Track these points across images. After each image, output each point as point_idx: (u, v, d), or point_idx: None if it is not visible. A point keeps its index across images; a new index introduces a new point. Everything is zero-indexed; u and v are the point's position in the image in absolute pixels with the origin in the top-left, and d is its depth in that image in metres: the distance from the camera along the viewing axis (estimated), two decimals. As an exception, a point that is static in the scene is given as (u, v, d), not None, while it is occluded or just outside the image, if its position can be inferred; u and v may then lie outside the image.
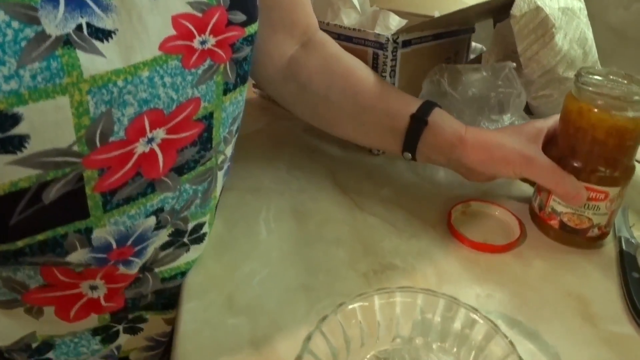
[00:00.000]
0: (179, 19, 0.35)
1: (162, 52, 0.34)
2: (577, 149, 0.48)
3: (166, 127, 0.37)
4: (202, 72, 0.38)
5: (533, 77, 0.63)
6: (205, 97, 0.39)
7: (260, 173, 0.63)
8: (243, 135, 0.54)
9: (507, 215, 0.55)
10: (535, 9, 0.59)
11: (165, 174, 0.39)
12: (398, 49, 0.62)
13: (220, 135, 0.44)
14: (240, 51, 0.41)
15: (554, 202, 0.50)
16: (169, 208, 0.41)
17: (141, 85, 0.34)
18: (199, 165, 0.42)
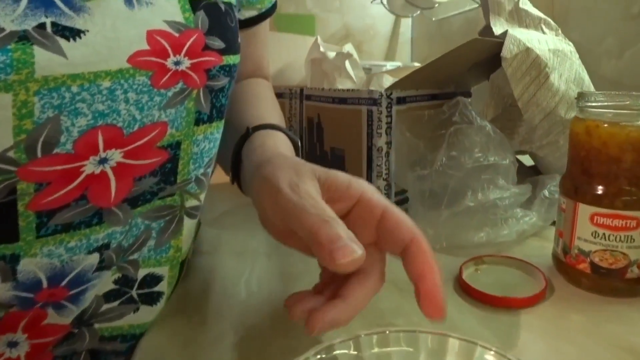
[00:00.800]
0: (155, 34, 0.33)
1: (131, 66, 0.32)
2: (592, 173, 0.42)
3: (124, 150, 0.33)
4: (172, 94, 0.35)
5: (535, 122, 0.59)
6: (174, 123, 0.36)
7: (246, 236, 0.58)
8: (227, 197, 0.49)
9: (528, 267, 0.47)
10: (525, 50, 0.56)
11: (116, 203, 0.34)
12: (392, 105, 0.60)
13: (189, 172, 0.39)
14: (216, 79, 0.39)
15: (580, 241, 0.43)
16: (116, 245, 0.36)
17: (99, 96, 0.31)
18: (157, 198, 0.38)
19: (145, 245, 0.39)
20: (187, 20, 0.36)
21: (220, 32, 0.39)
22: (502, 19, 0.66)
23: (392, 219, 0.30)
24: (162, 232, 0.40)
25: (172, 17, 0.35)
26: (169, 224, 0.40)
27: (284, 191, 0.30)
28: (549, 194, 0.57)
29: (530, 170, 0.75)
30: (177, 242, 0.42)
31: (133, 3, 0.33)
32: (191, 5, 0.37)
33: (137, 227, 0.37)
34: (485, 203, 0.52)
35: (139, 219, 0.37)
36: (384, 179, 0.60)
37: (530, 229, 0.54)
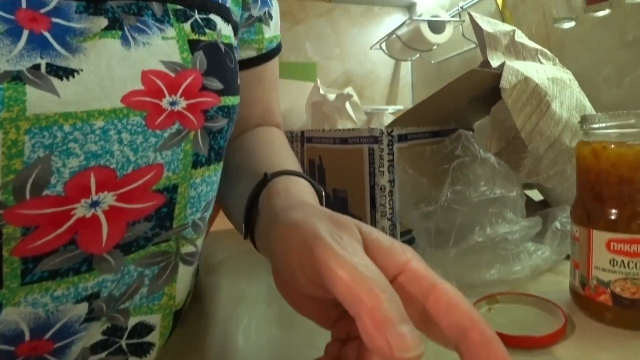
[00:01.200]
0: (150, 74, 0.33)
1: (124, 105, 0.31)
2: (604, 197, 0.40)
3: (117, 193, 0.32)
4: (168, 135, 0.34)
5: (540, 152, 0.57)
6: (170, 166, 0.34)
7: (245, 284, 0.55)
8: (227, 244, 0.48)
9: (545, 304, 0.44)
10: (524, 79, 0.56)
11: (107, 249, 0.32)
12: (394, 142, 0.58)
13: (186, 217, 0.37)
14: (214, 120, 0.38)
15: (598, 271, 0.40)
16: (107, 294, 0.33)
17: (92, 136, 0.30)
18: (151, 244, 0.36)
19: (137, 293, 0.37)
20: (185, 61, 0.35)
21: (218, 73, 0.38)
22: (499, 53, 0.66)
23: (444, 297, 0.24)
24: (156, 279, 0.38)
25: (169, 57, 0.34)
26: (163, 270, 0.38)
27: (325, 239, 0.24)
28: (560, 226, 0.55)
29: (540, 205, 0.73)
30: (171, 290, 0.39)
31: (130, 43, 0.32)
32: (190, 45, 0.36)
33: (130, 275, 0.35)
34: (494, 238, 0.50)
35: (131, 266, 0.35)
36: (389, 219, 0.58)
37: (544, 263, 0.52)
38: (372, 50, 1.84)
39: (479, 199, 0.51)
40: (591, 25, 0.97)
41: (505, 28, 0.67)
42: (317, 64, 1.81)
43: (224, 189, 0.47)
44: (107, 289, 0.34)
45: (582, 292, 0.42)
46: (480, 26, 0.65)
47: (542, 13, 1.12)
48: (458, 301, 0.24)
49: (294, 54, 1.78)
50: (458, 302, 0.24)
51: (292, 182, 0.40)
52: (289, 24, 1.77)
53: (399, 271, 0.25)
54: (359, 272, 0.22)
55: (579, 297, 0.43)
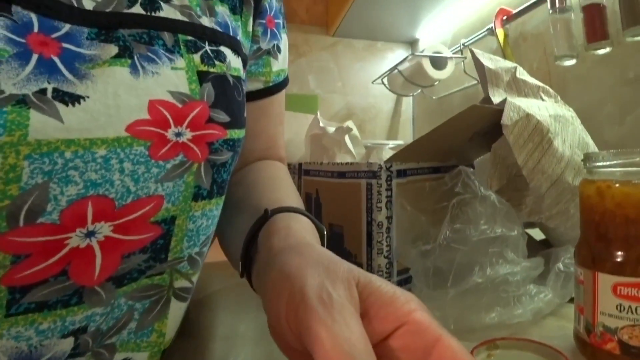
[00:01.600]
0: (157, 104, 0.32)
1: (129, 135, 0.31)
2: (610, 238, 0.38)
3: (114, 223, 0.31)
4: (171, 167, 0.33)
5: (542, 191, 0.56)
6: (170, 197, 0.34)
7: (234, 320, 0.53)
8: (218, 277, 0.46)
9: (548, 351, 0.42)
10: (526, 116, 0.55)
11: (100, 282, 0.31)
12: (392, 177, 0.57)
13: (182, 250, 0.36)
14: (218, 153, 0.37)
15: (604, 317, 0.38)
16: (94, 328, 0.32)
17: (93, 164, 0.29)
18: (144, 276, 0.35)
19: (125, 328, 0.35)
20: (193, 92, 0.35)
21: (226, 105, 0.38)
22: (501, 90, 0.65)
23: (449, 353, 0.23)
24: (146, 313, 0.36)
25: (176, 87, 0.34)
26: (154, 304, 0.37)
27: (311, 304, 0.23)
28: (563, 267, 0.53)
29: (541, 244, 0.71)
30: (161, 326, 0.38)
31: (139, 72, 0.32)
32: (199, 76, 0.36)
33: (120, 309, 0.34)
34: (494, 279, 0.48)
35: (122, 300, 0.34)
36: (385, 256, 0.56)
37: (546, 307, 0.49)
38: (374, 84, 1.85)
39: (479, 238, 0.50)
40: (592, 63, 0.97)
41: (507, 65, 0.66)
42: (319, 96, 1.82)
43: (223, 223, 0.46)
44: (95, 323, 0.32)
45: (587, 339, 0.40)
46: (481, 62, 0.65)
47: (543, 50, 1.13)
48: (463, 357, 0.23)
49: (297, 86, 1.79)
50: (463, 357, 0.23)
51: (293, 220, 0.38)
52: (292, 56, 1.78)
53: (401, 323, 0.24)
54: (339, 345, 0.21)
55: (584, 345, 0.41)
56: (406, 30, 1.81)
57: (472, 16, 1.49)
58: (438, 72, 1.42)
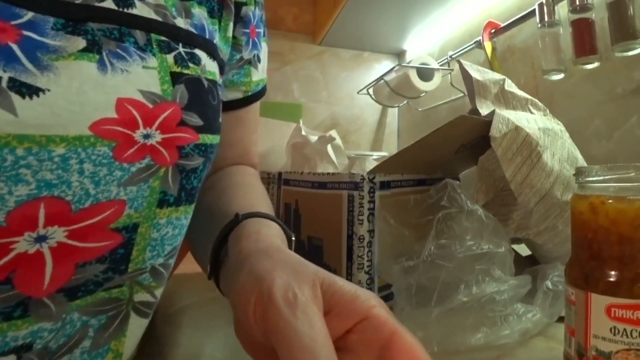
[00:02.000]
0: (126, 103, 0.31)
1: (92, 134, 0.29)
2: (603, 257, 0.36)
3: (69, 228, 0.29)
4: (136, 170, 0.31)
5: (530, 206, 0.54)
6: (133, 203, 0.32)
7: (202, 338, 0.50)
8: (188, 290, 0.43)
9: (538, 375, 0.40)
10: (515, 129, 0.53)
11: (49, 293, 0.29)
12: (375, 189, 0.55)
13: (145, 260, 0.34)
14: (188, 158, 0.35)
15: (597, 340, 0.36)
16: (41, 346, 0.30)
17: (48, 163, 0.27)
18: (101, 289, 0.32)
19: (78, 347, 0.32)
20: (165, 93, 0.33)
21: (199, 109, 0.36)
22: (488, 102, 0.63)
23: (402, 345, 0.24)
24: (102, 330, 0.33)
25: (148, 87, 0.32)
26: (111, 321, 0.34)
27: (277, 302, 0.24)
28: (552, 285, 0.51)
29: (527, 260, 0.69)
30: (118, 345, 0.35)
31: (107, 68, 0.30)
32: (172, 77, 0.34)
33: (72, 325, 0.31)
34: (481, 298, 0.45)
35: (75, 315, 0.31)
36: (366, 272, 0.53)
37: (534, 327, 0.47)
38: (359, 95, 1.83)
39: (465, 255, 0.47)
40: (580, 78, 0.96)
41: (495, 77, 0.65)
42: (304, 105, 1.80)
43: (193, 227, 0.44)
44: (42, 340, 0.29)
45: (578, 364, 0.38)
46: (469, 74, 0.63)
47: (531, 65, 1.12)
48: (416, 351, 0.24)
49: (281, 95, 1.77)
50: (416, 352, 0.24)
51: (263, 225, 0.37)
52: (277, 64, 1.77)
53: (361, 318, 0.25)
54: (300, 340, 0.22)
55: (575, 369, 0.38)
56: (394, 41, 1.80)
57: (460, 29, 1.48)
58: (425, 84, 1.41)
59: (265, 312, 0.24)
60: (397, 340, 0.24)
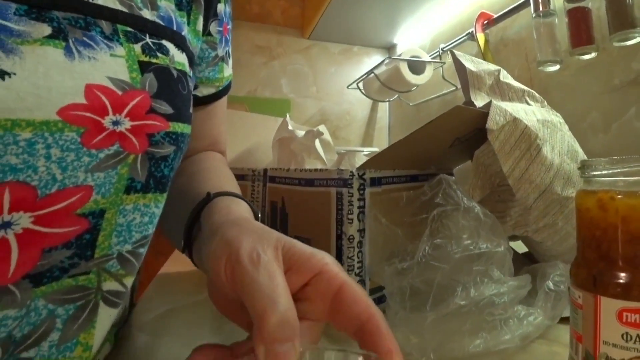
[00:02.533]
0: (95, 89, 0.31)
1: (60, 119, 0.29)
2: (613, 257, 0.34)
3: (35, 214, 0.29)
4: (104, 156, 0.32)
5: (529, 202, 0.51)
6: (100, 189, 0.32)
7: (182, 347, 0.47)
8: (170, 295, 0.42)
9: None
10: (513, 120, 0.50)
11: (15, 280, 0.29)
12: (366, 186, 0.52)
13: (111, 246, 0.34)
14: (159, 146, 0.36)
15: (607, 347, 0.33)
16: (5, 335, 0.29)
17: (13, 147, 0.28)
18: (67, 276, 0.32)
19: (46, 339, 0.32)
20: (134, 81, 0.34)
21: (169, 97, 0.37)
22: (483, 93, 0.61)
23: (349, 294, 0.28)
24: (71, 322, 0.33)
25: (116, 74, 0.33)
26: (80, 312, 0.33)
27: (243, 262, 0.27)
28: (553, 286, 0.48)
29: (525, 258, 0.67)
30: (87, 338, 0.34)
31: (73, 55, 0.30)
32: (140, 66, 0.35)
33: (37, 313, 0.31)
34: (479, 301, 0.43)
35: (40, 302, 0.31)
36: (356, 274, 0.51)
37: (536, 330, 0.44)
38: (349, 90, 1.80)
39: (462, 255, 0.45)
40: (576, 70, 0.94)
41: (490, 67, 0.62)
42: (292, 101, 1.77)
43: (166, 211, 0.45)
44: (6, 329, 0.30)
45: (585, 372, 0.35)
46: (463, 64, 0.60)
47: (525, 57, 1.10)
48: (360, 297, 0.28)
49: (269, 90, 1.73)
50: (360, 297, 0.28)
51: (233, 202, 0.41)
52: (265, 59, 1.73)
53: (315, 273, 0.29)
54: (262, 291, 0.25)
55: (582, 378, 0.36)
56: (384, 34, 1.77)
57: (451, 21, 1.46)
58: (416, 77, 1.38)
59: (234, 271, 0.28)
60: (345, 289, 0.28)
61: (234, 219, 0.36)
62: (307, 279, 0.29)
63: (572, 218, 0.51)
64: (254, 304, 0.25)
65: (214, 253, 0.30)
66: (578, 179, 0.53)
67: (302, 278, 0.29)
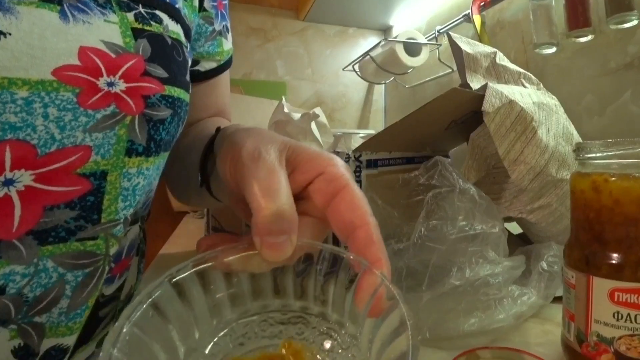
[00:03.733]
0: (88, 51, 0.31)
1: (55, 79, 0.30)
2: (606, 239, 0.34)
3: (35, 172, 0.30)
4: (101, 117, 0.32)
5: (524, 183, 0.51)
6: (99, 149, 0.32)
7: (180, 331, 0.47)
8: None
9: (534, 360, 0.38)
10: (509, 103, 0.50)
11: (19, 235, 0.30)
12: (362, 168, 0.52)
13: (117, 210, 0.35)
14: (155, 109, 0.36)
15: (599, 325, 0.34)
16: (16, 291, 0.30)
17: (11, 105, 0.28)
18: (74, 238, 0.33)
19: (56, 305, 0.33)
20: (127, 45, 0.34)
21: (163, 62, 0.37)
22: (479, 76, 0.61)
23: (348, 197, 0.28)
24: (80, 288, 0.34)
25: (110, 38, 0.33)
26: (89, 278, 0.34)
27: (243, 159, 0.28)
28: (547, 266, 0.49)
29: (518, 239, 0.67)
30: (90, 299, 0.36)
31: (68, 18, 0.31)
32: (133, 33, 0.35)
33: (47, 274, 0.32)
34: (474, 281, 0.43)
35: (49, 262, 0.32)
36: (353, 255, 0.51)
37: (529, 310, 0.45)
38: (344, 72, 1.80)
39: (457, 236, 0.45)
40: (572, 52, 0.94)
41: (486, 49, 0.62)
42: (287, 83, 1.76)
43: (174, 167, 0.47)
44: (15, 284, 0.31)
45: (578, 349, 0.36)
46: (459, 46, 0.60)
47: (521, 39, 1.09)
48: (358, 202, 0.28)
49: (264, 72, 1.72)
50: (358, 203, 0.28)
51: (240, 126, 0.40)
52: (259, 41, 1.72)
53: (319, 172, 0.29)
54: (262, 181, 0.26)
55: (575, 355, 0.37)
56: (379, 16, 1.76)
57: (447, 3, 1.45)
58: (412, 59, 1.38)
59: (236, 168, 0.29)
60: (346, 192, 0.28)
61: (244, 128, 0.36)
62: (311, 178, 0.29)
63: (567, 200, 0.52)
64: (251, 198, 0.26)
65: (222, 156, 0.32)
66: (573, 161, 0.54)
67: (306, 176, 0.29)
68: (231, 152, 0.30)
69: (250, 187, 0.26)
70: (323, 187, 0.29)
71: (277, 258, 0.25)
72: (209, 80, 0.57)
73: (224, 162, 0.31)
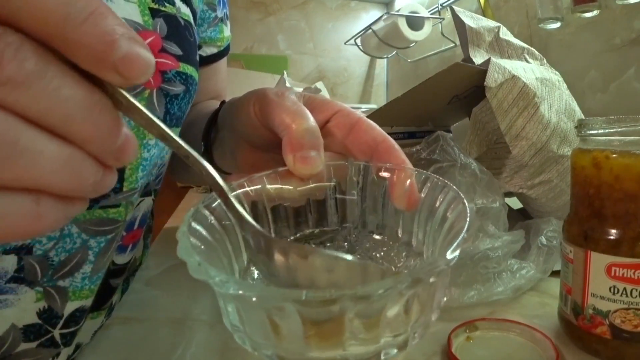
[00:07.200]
0: None
1: None
2: (605, 215, 0.35)
3: None
4: None
5: (525, 159, 0.52)
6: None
7: (188, 300, 0.48)
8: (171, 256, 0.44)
9: (531, 333, 0.38)
10: (512, 78, 0.50)
11: None
12: (362, 144, 0.52)
13: (138, 180, 0.37)
14: (171, 84, 0.38)
15: (595, 299, 0.35)
16: (42, 252, 0.32)
17: None
18: (97, 206, 0.35)
19: (79, 270, 0.35)
20: (146, 23, 0.36)
21: (177, 40, 0.39)
22: (482, 50, 0.60)
23: (365, 124, 0.31)
24: (102, 254, 0.36)
25: (130, 16, 0.35)
26: (110, 244, 0.36)
27: (269, 96, 0.32)
28: (546, 241, 0.49)
29: (518, 214, 0.68)
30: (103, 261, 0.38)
31: None
32: (150, 12, 0.37)
33: (72, 239, 0.34)
34: (474, 255, 0.44)
35: (73, 228, 0.34)
36: (356, 229, 0.52)
37: (528, 283, 0.46)
38: (346, 46, 1.78)
39: (458, 210, 0.45)
40: (577, 28, 0.93)
41: (490, 24, 0.62)
42: (289, 57, 1.74)
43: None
44: (42, 246, 0.32)
45: (574, 322, 0.37)
46: (462, 20, 0.60)
47: (525, 14, 1.08)
48: (374, 126, 0.31)
49: (265, 47, 1.71)
50: (374, 126, 0.31)
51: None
52: (261, 15, 1.70)
53: (335, 111, 0.33)
54: (289, 108, 0.30)
55: (571, 327, 0.37)
56: (382, -11, 1.73)
57: (450, -24, 1.43)
58: (414, 33, 1.36)
59: (261, 106, 0.32)
60: (362, 121, 0.31)
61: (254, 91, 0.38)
62: (328, 116, 0.33)
63: (567, 176, 0.52)
64: (281, 122, 0.29)
65: (241, 101, 0.35)
66: (574, 137, 0.54)
67: (324, 115, 0.32)
68: (254, 95, 0.33)
69: (279, 115, 0.29)
70: (342, 121, 0.32)
71: (309, 171, 0.27)
72: (209, 65, 0.60)
73: (247, 104, 0.33)
